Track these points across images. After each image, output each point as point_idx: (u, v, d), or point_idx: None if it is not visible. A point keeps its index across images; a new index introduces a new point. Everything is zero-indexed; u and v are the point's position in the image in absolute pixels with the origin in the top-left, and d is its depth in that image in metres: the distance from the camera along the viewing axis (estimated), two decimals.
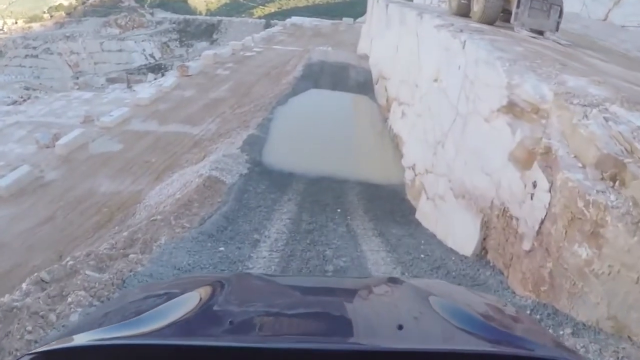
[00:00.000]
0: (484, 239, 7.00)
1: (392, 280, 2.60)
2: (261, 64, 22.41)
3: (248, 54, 23.88)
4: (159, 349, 1.53)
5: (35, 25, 40.75)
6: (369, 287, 2.35)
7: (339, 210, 9.94)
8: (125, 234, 7.61)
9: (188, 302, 1.86)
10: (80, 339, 1.58)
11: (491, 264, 6.90)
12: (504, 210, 6.39)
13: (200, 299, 1.92)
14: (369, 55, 20.98)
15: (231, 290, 2.09)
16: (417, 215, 9.92)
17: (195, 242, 7.15)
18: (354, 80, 18.84)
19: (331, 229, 8.62)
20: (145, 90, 20.24)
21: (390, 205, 10.81)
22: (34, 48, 37.98)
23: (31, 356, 1.50)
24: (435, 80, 9.92)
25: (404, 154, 13.32)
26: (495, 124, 6.80)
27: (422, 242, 8.25)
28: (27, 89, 32.01)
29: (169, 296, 1.98)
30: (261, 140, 13.70)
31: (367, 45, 22.14)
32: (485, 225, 6.91)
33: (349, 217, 9.50)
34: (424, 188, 9.76)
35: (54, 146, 16.08)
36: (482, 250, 7.10)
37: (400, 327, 1.64)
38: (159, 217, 8.78)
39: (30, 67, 37.74)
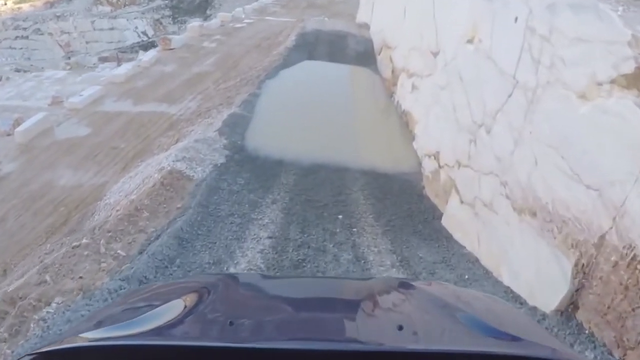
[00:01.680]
0: (577, 290, 4.02)
1: (392, 281, 2.56)
2: (251, 36, 19.13)
3: (238, 25, 20.57)
4: (160, 349, 1.39)
5: (25, 6, 37.05)
6: (369, 287, 2.13)
7: (340, 216, 6.95)
8: (10, 288, 4.62)
9: (188, 303, 1.70)
10: (81, 340, 1.44)
11: (587, 331, 3.94)
12: (632, 257, 3.38)
13: (201, 299, 1.74)
14: (369, 24, 17.66)
15: (232, 290, 1.94)
16: (445, 222, 6.95)
17: (112, 301, 4.18)
18: (353, 50, 15.58)
19: (331, 256, 5.65)
20: (122, 66, 17.05)
21: (407, 204, 7.82)
22: (24, 29, 34.48)
23: (31, 357, 1.35)
24: (470, 41, 6.81)
25: (416, 135, 10.28)
26: (606, 105, 3.74)
27: (466, 276, 5.28)
28: (17, 70, 28.76)
29: (169, 297, 1.80)
30: (245, 120, 10.64)
31: (367, 13, 18.78)
32: (583, 271, 3.91)
33: (355, 230, 6.52)
34: (456, 187, 6.75)
35: None
36: (570, 305, 4.12)
37: (400, 328, 1.48)
38: (84, 240, 5.81)
39: (21, 48, 34.25)
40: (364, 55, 15.34)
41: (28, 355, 1.39)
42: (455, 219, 6.58)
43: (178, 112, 13.35)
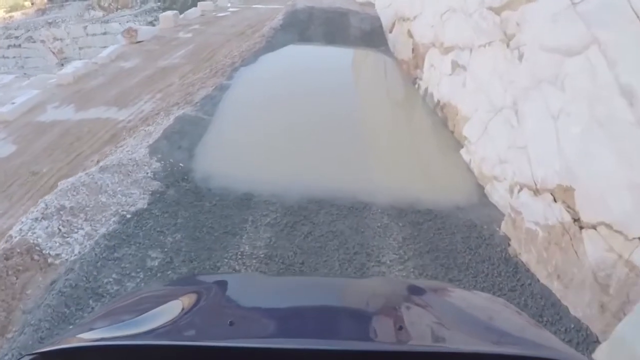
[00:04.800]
0: None
1: (393, 281, 2.31)
2: (235, 24, 14.43)
3: (221, 14, 15.89)
4: (160, 349, 1.24)
5: (17, 14, 32.41)
6: (370, 287, 1.85)
7: None
8: None
9: (188, 303, 1.51)
10: (81, 340, 1.28)
11: None
12: None
13: (200, 299, 1.54)
14: (372, 2, 12.88)
15: (231, 290, 1.68)
16: None
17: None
18: (356, 29, 10.82)
19: None
20: (72, 64, 12.40)
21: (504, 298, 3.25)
22: (16, 37, 29.85)
23: (31, 356, 1.19)
24: None
25: (468, 139, 5.75)
26: None
27: None
28: None
29: (169, 297, 1.62)
30: (198, 127, 6.05)
31: None
32: None
33: None
34: None
35: None
36: None
37: (400, 328, 1.34)
38: None
39: (14, 57, 29.74)
40: (371, 34, 10.63)
41: (28, 355, 1.20)
42: None
43: (127, 117, 8.79)
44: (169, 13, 14.68)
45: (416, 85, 7.93)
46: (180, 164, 5.15)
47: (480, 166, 5.39)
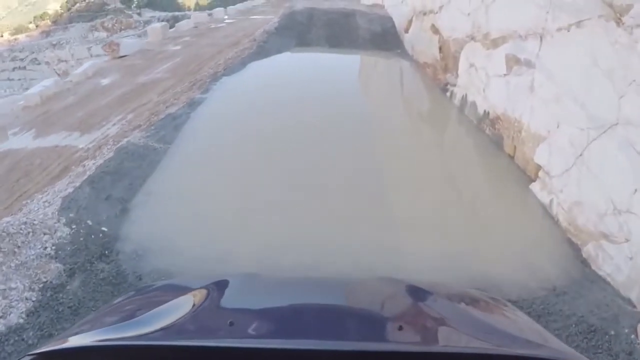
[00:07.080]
0: None
1: (393, 281, 1.96)
2: (230, 34, 12.40)
3: (216, 25, 13.90)
4: (159, 349, 1.15)
5: (21, 37, 30.87)
6: (370, 287, 1.71)
7: None
8: None
9: (188, 303, 1.37)
10: (81, 340, 1.19)
11: None
12: None
13: (200, 299, 1.40)
14: (381, 4, 10.78)
15: (232, 290, 1.54)
16: None
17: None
18: (365, 31, 8.68)
19: None
20: (42, 82, 10.44)
21: None
22: (21, 60, 28.23)
23: (31, 357, 1.10)
24: None
25: (541, 168, 3.62)
26: None
27: None
28: None
29: (169, 298, 1.45)
30: (145, 162, 3.91)
31: None
32: None
33: None
34: None
35: None
36: None
37: (400, 328, 1.24)
38: None
39: (19, 79, 28.10)
40: (382, 36, 8.52)
41: (28, 355, 1.12)
42: None
43: (88, 144, 6.73)
44: (157, 25, 12.75)
45: (448, 94, 5.81)
46: (103, 228, 3.08)
47: (572, 214, 3.27)
